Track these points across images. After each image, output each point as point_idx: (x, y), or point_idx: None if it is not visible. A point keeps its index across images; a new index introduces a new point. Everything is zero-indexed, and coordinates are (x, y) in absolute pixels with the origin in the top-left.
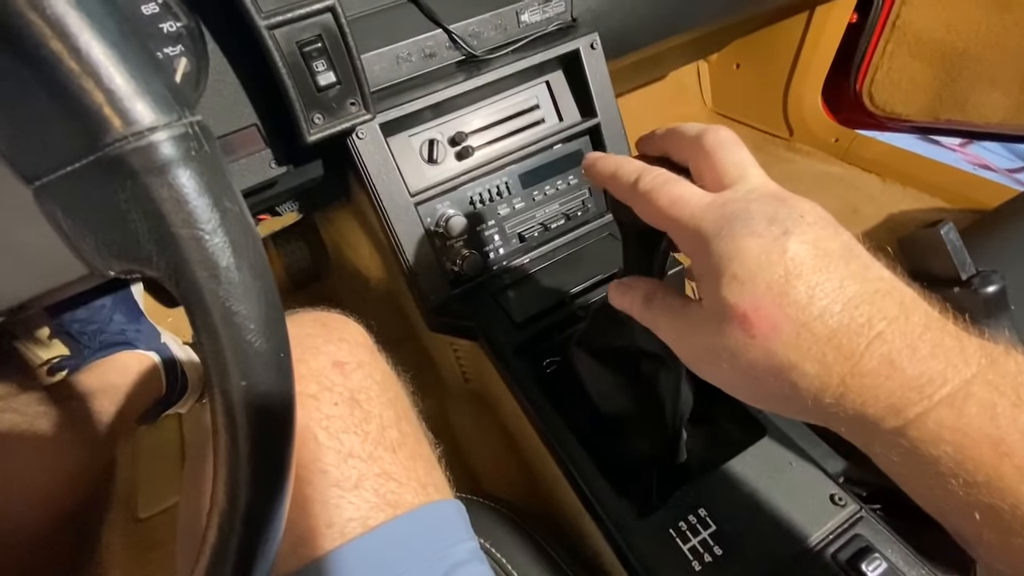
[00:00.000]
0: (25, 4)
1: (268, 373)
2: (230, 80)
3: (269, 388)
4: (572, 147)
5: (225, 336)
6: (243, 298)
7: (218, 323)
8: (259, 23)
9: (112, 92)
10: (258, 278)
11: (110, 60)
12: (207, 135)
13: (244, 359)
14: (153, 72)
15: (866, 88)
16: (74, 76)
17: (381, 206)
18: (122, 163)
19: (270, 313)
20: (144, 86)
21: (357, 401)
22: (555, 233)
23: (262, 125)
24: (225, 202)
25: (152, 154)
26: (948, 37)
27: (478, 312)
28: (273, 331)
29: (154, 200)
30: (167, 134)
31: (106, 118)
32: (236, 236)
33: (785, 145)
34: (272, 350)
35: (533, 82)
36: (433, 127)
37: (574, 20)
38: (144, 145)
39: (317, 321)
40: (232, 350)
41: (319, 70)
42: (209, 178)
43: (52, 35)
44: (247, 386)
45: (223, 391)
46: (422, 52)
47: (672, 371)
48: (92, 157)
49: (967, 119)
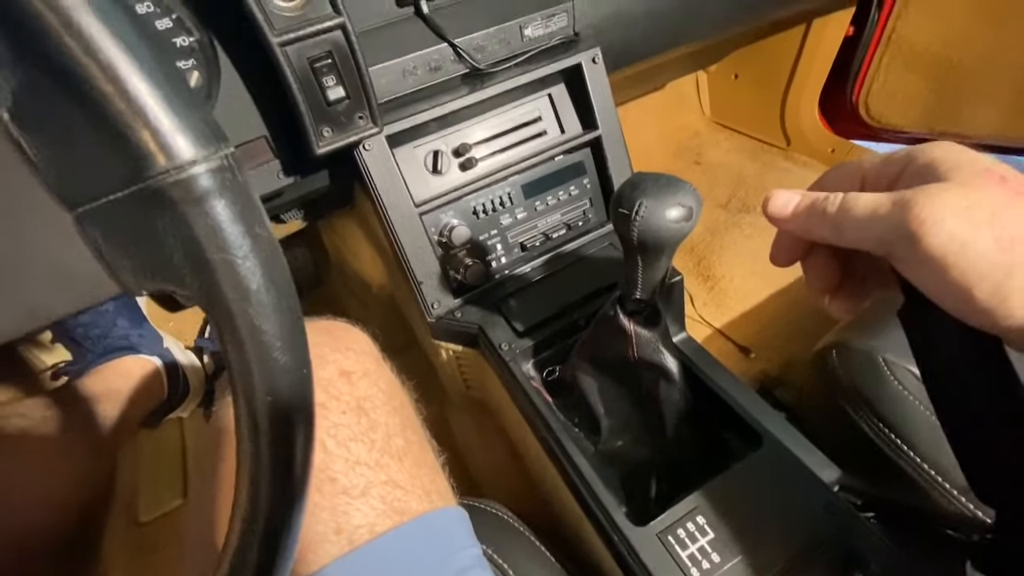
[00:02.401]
0: (79, 49)
1: (292, 388)
2: (240, 93)
3: (292, 401)
4: (574, 158)
5: (253, 353)
6: (271, 318)
7: (247, 341)
8: (272, 40)
9: (157, 130)
10: (284, 298)
11: (156, 101)
12: (239, 165)
13: (270, 375)
14: (193, 108)
15: (862, 100)
16: (122, 116)
17: (386, 216)
18: (163, 194)
19: (295, 332)
20: (186, 123)
21: (364, 410)
22: (557, 243)
23: (271, 137)
24: (256, 228)
25: (191, 186)
26: (943, 51)
27: (480, 320)
28: (297, 348)
29: (191, 228)
30: (205, 167)
31: (151, 153)
32: (265, 260)
33: (782, 155)
34: (296, 366)
35: (536, 95)
36: (438, 138)
37: (576, 34)
38: (184, 178)
39: (324, 330)
40: (259, 366)
41: (329, 85)
42: (242, 207)
43: (104, 78)
44: (272, 400)
45: (249, 404)
46: (428, 65)
47: (672, 380)
48: (135, 188)
49: (961, 131)
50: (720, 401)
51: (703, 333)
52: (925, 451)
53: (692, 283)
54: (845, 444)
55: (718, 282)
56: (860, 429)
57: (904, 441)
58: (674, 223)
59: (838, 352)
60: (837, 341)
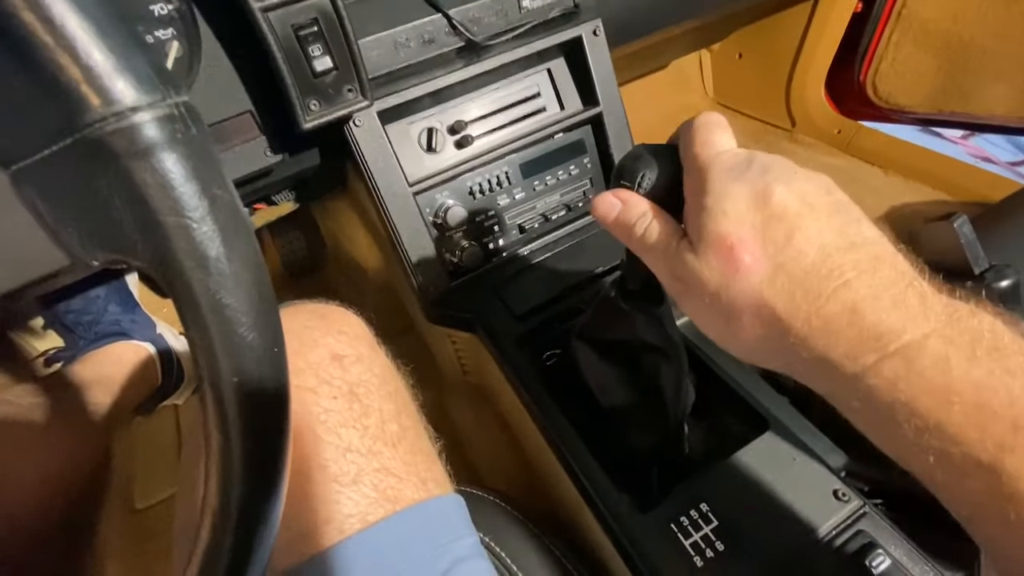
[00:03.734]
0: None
1: (261, 368)
2: (224, 65)
3: (262, 383)
4: (574, 136)
5: (215, 329)
6: (234, 290)
7: (208, 316)
8: (253, 5)
9: (90, 68)
10: (249, 269)
11: (87, 33)
12: (194, 117)
13: (235, 353)
14: (135, 49)
15: (870, 79)
16: (49, 50)
17: (379, 196)
18: (102, 145)
19: (262, 305)
20: (125, 63)
21: (356, 395)
22: (556, 224)
23: (257, 112)
24: (214, 189)
25: (134, 136)
26: (954, 27)
27: (477, 304)
28: (266, 324)
29: (137, 185)
30: (150, 115)
31: (84, 96)
32: (226, 224)
33: (787, 136)
34: (265, 344)
35: (534, 69)
36: (432, 115)
37: (576, 6)
38: (125, 126)
39: (315, 313)
40: (223, 344)
41: (315, 55)
42: (196, 163)
43: (24, 5)
44: (239, 382)
45: (214, 386)
46: (421, 38)
47: (674, 364)
48: (70, 139)
49: (971, 111)
50: (724, 385)
51: None
52: None
53: None
54: (851, 429)
55: None
56: None
57: None
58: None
59: None
60: None
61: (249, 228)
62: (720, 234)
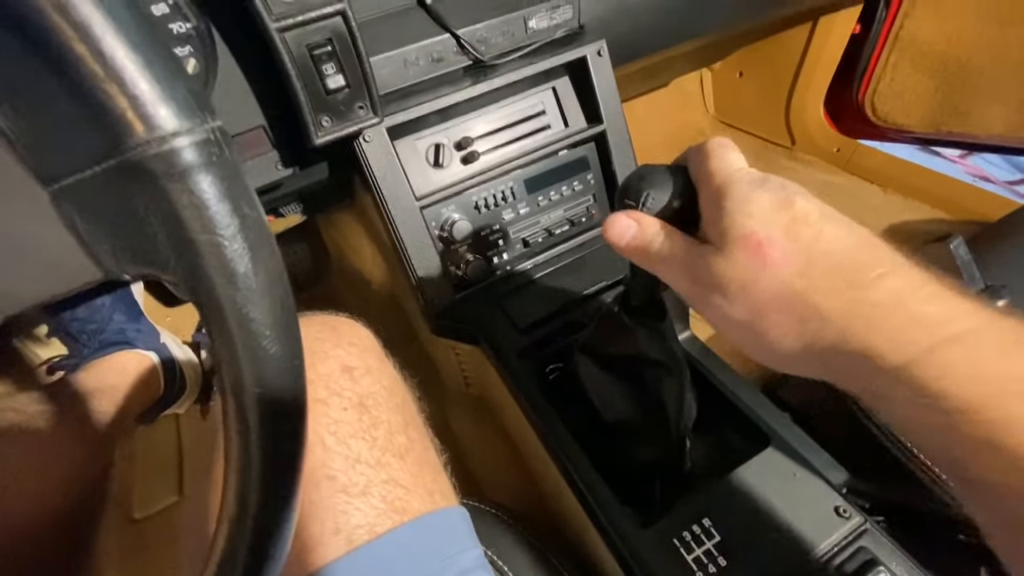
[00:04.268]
0: (50, 5)
1: (283, 379)
2: (238, 81)
3: (283, 394)
4: (577, 153)
5: (241, 342)
6: (260, 304)
7: (234, 329)
8: (270, 26)
9: (136, 97)
10: (275, 284)
11: (134, 65)
12: (227, 140)
13: (259, 365)
14: (176, 76)
15: (868, 98)
16: (98, 80)
17: (387, 210)
18: (143, 168)
19: (286, 319)
20: (168, 91)
21: (365, 406)
22: (559, 238)
23: (269, 126)
24: (244, 208)
25: (173, 159)
26: (950, 49)
27: (481, 317)
28: (289, 337)
29: (173, 205)
30: (188, 140)
31: (128, 123)
32: (254, 242)
33: (787, 154)
34: (287, 356)
35: (539, 88)
36: (439, 131)
37: (581, 27)
38: (166, 151)
39: (326, 325)
40: (247, 356)
41: (328, 73)
42: (229, 184)
43: (76, 37)
44: (261, 393)
45: (237, 397)
46: (430, 56)
47: (676, 379)
48: (113, 161)
49: (968, 131)
50: (725, 400)
51: (707, 331)
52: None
53: None
54: (852, 446)
55: None
56: (868, 430)
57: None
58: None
59: None
60: None
61: (274, 244)
62: (746, 232)
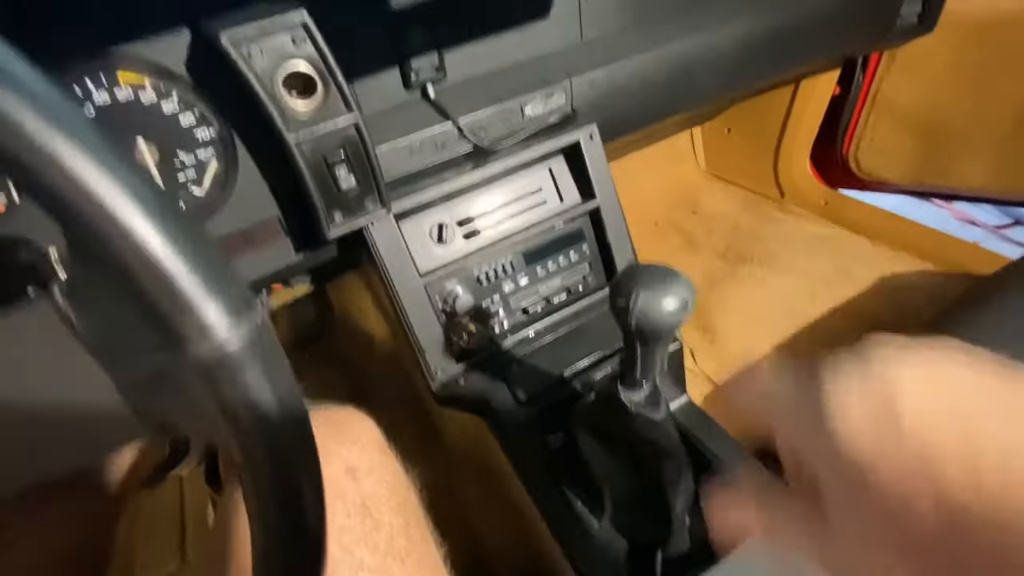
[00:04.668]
0: (129, 251)
1: (310, 546)
2: (256, 178)
3: (308, 553)
4: (573, 226)
5: (274, 511)
6: (295, 475)
7: (270, 502)
8: (288, 140)
9: (198, 318)
10: (306, 452)
11: (197, 289)
12: (267, 331)
13: (290, 534)
14: (229, 283)
15: (852, 154)
16: (165, 304)
17: (393, 288)
18: (195, 362)
19: (316, 482)
20: (222, 304)
21: (368, 509)
22: (557, 306)
23: (284, 217)
24: (282, 393)
25: (222, 358)
26: (927, 111)
27: (483, 388)
28: (316, 503)
29: (221, 395)
30: (237, 341)
31: (189, 338)
32: (289, 423)
33: (776, 206)
34: (315, 523)
35: (536, 167)
36: (442, 211)
37: (574, 111)
38: (216, 351)
39: (329, 420)
40: (279, 524)
41: (341, 176)
42: (270, 374)
43: (143, 271)
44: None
45: (267, 562)
46: (434, 144)
47: (676, 464)
48: (166, 355)
49: (949, 184)
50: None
51: (705, 389)
52: None
53: (692, 336)
54: None
55: (718, 335)
56: None
57: None
58: (670, 314)
59: None
60: None
61: (305, 418)
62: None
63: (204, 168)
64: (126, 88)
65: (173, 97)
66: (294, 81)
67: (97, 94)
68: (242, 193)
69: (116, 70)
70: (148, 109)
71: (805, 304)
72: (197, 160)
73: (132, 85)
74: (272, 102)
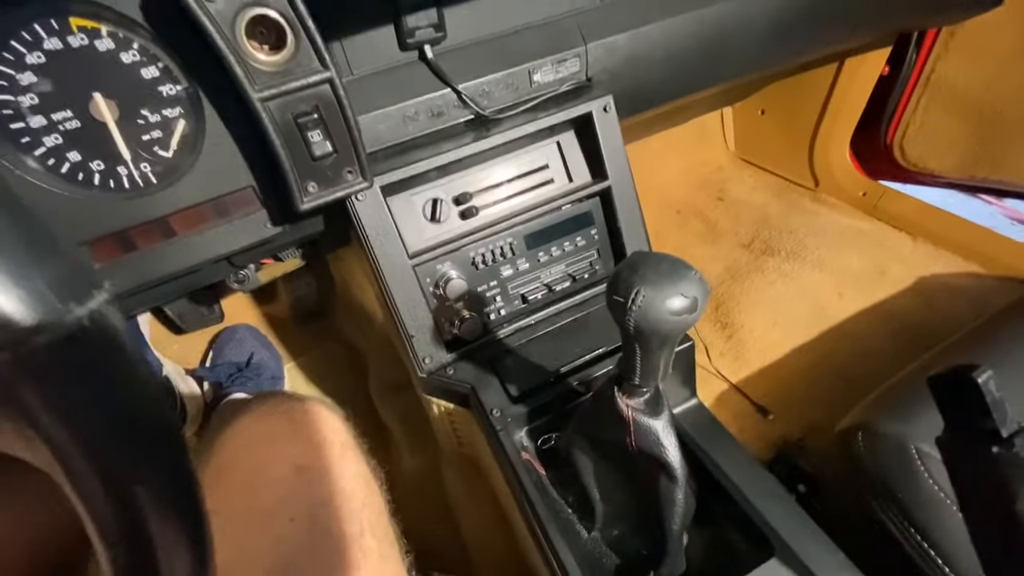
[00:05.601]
0: None
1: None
2: (227, 143)
3: None
4: (582, 208)
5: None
6: (137, 512)
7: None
8: (253, 96)
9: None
10: (158, 481)
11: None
12: (101, 325)
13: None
14: (29, 263)
15: (897, 141)
16: None
17: (378, 268)
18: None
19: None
20: (13, 288)
21: (315, 516)
22: (560, 295)
23: (258, 187)
24: (119, 400)
25: (26, 363)
26: (986, 95)
27: (474, 380)
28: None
29: (30, 412)
30: (43, 340)
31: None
32: (131, 436)
33: (810, 196)
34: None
35: (544, 142)
36: (438, 186)
37: (589, 80)
38: (10, 359)
39: (286, 416)
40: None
41: (315, 140)
42: (99, 379)
43: None
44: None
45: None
46: (430, 111)
47: (674, 478)
48: None
49: (1004, 177)
50: (727, 495)
51: (718, 389)
52: (962, 569)
53: (708, 331)
54: (870, 544)
55: (736, 331)
56: (887, 530)
57: (938, 553)
58: (675, 315)
59: (865, 436)
60: (864, 422)
61: (167, 414)
62: None
63: (171, 128)
64: (80, 35)
65: (133, 47)
66: (264, 34)
67: (48, 41)
68: (212, 158)
69: (68, 15)
70: (105, 59)
71: (833, 302)
72: (163, 118)
73: (87, 31)
74: (233, 52)
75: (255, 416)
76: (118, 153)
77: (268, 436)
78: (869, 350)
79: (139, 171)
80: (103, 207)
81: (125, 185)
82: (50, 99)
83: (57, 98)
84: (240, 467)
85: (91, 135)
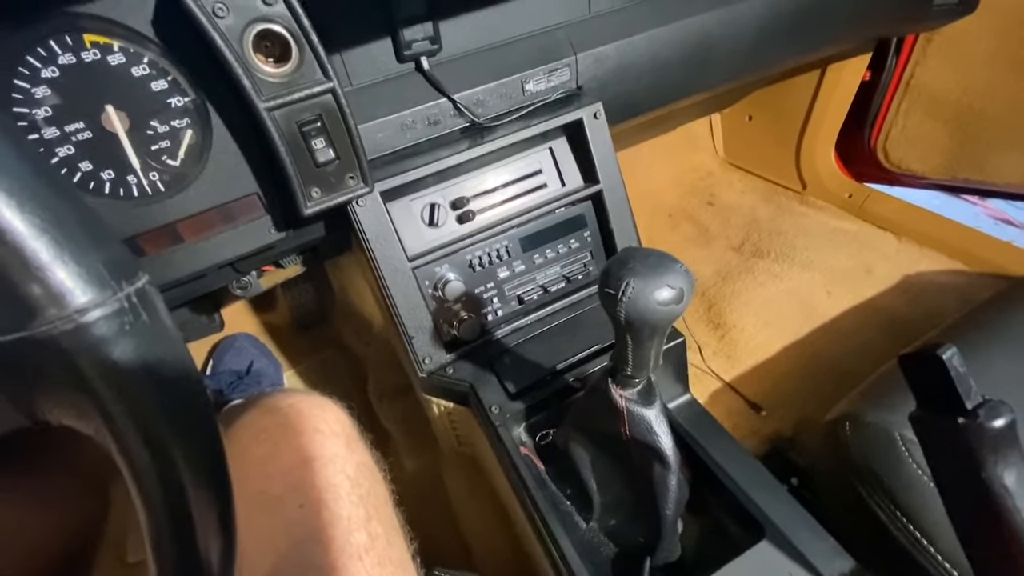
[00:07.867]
0: None
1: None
2: (232, 151)
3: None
4: (574, 211)
5: (165, 514)
6: (178, 467)
7: (159, 502)
8: (259, 105)
9: (44, 280)
10: (198, 442)
11: (45, 248)
12: (145, 302)
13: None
14: (88, 245)
15: (880, 144)
16: (11, 264)
17: (378, 270)
18: (52, 342)
19: (214, 473)
20: (77, 269)
21: (323, 502)
22: (555, 296)
23: (263, 193)
24: (161, 372)
25: (82, 335)
26: (964, 98)
27: (472, 378)
28: (215, 496)
29: (85, 379)
30: (99, 313)
31: (37, 305)
32: (172, 403)
33: (798, 198)
34: (216, 525)
35: (537, 148)
36: (435, 191)
37: (579, 88)
38: (73, 327)
39: (293, 408)
40: (175, 536)
41: (318, 147)
42: (144, 350)
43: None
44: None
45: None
46: (427, 120)
47: (668, 466)
48: (20, 335)
49: (985, 178)
50: (719, 483)
51: (711, 387)
52: (945, 547)
53: (701, 331)
54: (858, 528)
55: (728, 331)
56: (875, 515)
57: (923, 534)
58: (663, 305)
59: (852, 425)
60: (851, 412)
61: (199, 394)
62: None
63: (179, 138)
64: (93, 50)
65: (144, 61)
66: (269, 47)
67: (63, 56)
68: (218, 166)
69: (82, 32)
70: (117, 73)
71: (822, 301)
72: (171, 128)
73: (99, 47)
74: (240, 65)
75: (263, 410)
76: (128, 162)
77: (276, 426)
78: (858, 346)
79: (148, 179)
80: (113, 215)
81: (135, 193)
82: (63, 111)
83: (70, 110)
84: (250, 457)
85: (102, 145)
